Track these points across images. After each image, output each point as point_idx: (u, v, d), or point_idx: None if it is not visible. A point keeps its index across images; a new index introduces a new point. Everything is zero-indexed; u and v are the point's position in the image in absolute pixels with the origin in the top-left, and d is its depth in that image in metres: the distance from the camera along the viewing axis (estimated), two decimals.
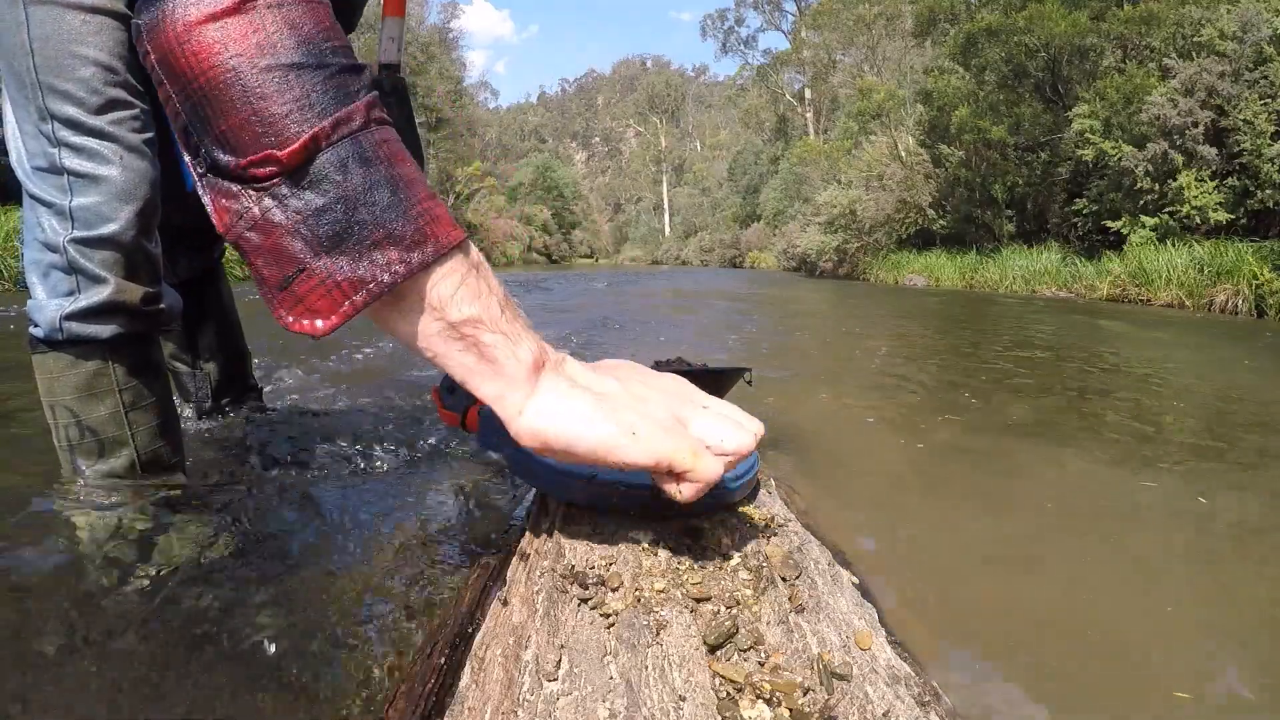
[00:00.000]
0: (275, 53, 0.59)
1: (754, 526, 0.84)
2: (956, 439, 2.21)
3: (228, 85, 0.58)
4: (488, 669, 0.59)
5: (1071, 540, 1.42)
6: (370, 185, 0.60)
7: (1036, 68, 14.91)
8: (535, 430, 0.64)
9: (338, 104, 0.60)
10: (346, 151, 0.60)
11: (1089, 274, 11.76)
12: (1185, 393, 3.15)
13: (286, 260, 0.60)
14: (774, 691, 0.55)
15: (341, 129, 0.60)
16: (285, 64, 0.59)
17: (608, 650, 0.59)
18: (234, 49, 0.58)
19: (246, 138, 0.58)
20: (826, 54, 33.84)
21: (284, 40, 0.60)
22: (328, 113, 0.60)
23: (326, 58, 0.61)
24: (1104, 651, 1.01)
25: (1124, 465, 2.00)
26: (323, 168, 0.59)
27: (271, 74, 0.59)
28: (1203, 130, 10.92)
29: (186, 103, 0.60)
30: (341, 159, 0.60)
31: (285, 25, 0.60)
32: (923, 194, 17.26)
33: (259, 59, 0.59)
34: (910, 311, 7.90)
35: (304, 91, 0.59)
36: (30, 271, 1.09)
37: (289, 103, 0.59)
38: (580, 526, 0.83)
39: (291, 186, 0.59)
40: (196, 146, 0.60)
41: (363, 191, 0.60)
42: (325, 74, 0.61)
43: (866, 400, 2.77)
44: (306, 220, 0.59)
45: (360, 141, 0.61)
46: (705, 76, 68.79)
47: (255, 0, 0.59)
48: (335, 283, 0.60)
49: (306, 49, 0.60)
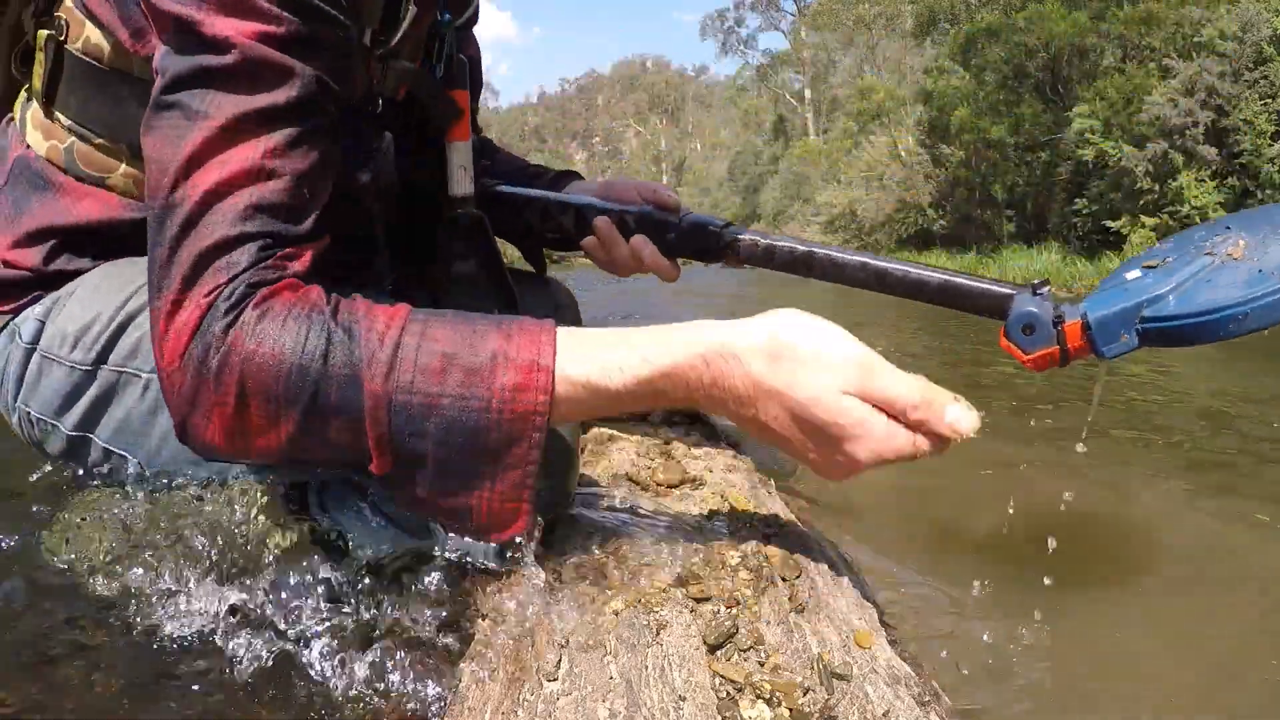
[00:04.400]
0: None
1: (754, 526, 0.84)
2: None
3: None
4: (488, 668, 0.59)
5: (1073, 540, 1.42)
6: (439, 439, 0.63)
7: (1036, 68, 14.91)
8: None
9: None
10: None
11: (1089, 274, 11.75)
12: (1184, 396, 3.15)
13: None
14: (774, 691, 0.55)
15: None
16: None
17: (608, 650, 0.59)
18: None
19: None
20: (826, 54, 33.86)
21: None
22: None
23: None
24: (1107, 650, 1.01)
25: (1127, 464, 2.00)
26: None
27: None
28: (1203, 130, 10.92)
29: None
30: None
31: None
32: (923, 194, 17.25)
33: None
34: (911, 311, 7.89)
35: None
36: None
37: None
38: (581, 526, 0.83)
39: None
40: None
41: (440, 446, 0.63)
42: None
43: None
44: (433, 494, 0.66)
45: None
46: (705, 76, 68.83)
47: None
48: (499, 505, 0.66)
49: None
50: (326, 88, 0.69)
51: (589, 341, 0.66)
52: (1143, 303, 0.77)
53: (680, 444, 1.12)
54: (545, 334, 0.65)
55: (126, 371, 0.82)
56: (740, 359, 0.64)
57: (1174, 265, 0.81)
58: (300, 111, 0.67)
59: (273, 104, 0.65)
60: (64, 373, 0.83)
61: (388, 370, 0.62)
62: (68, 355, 0.82)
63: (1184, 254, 0.82)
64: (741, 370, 0.64)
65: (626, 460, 1.02)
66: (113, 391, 0.83)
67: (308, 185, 0.67)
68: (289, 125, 0.66)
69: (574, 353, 0.64)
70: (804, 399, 0.63)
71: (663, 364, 0.64)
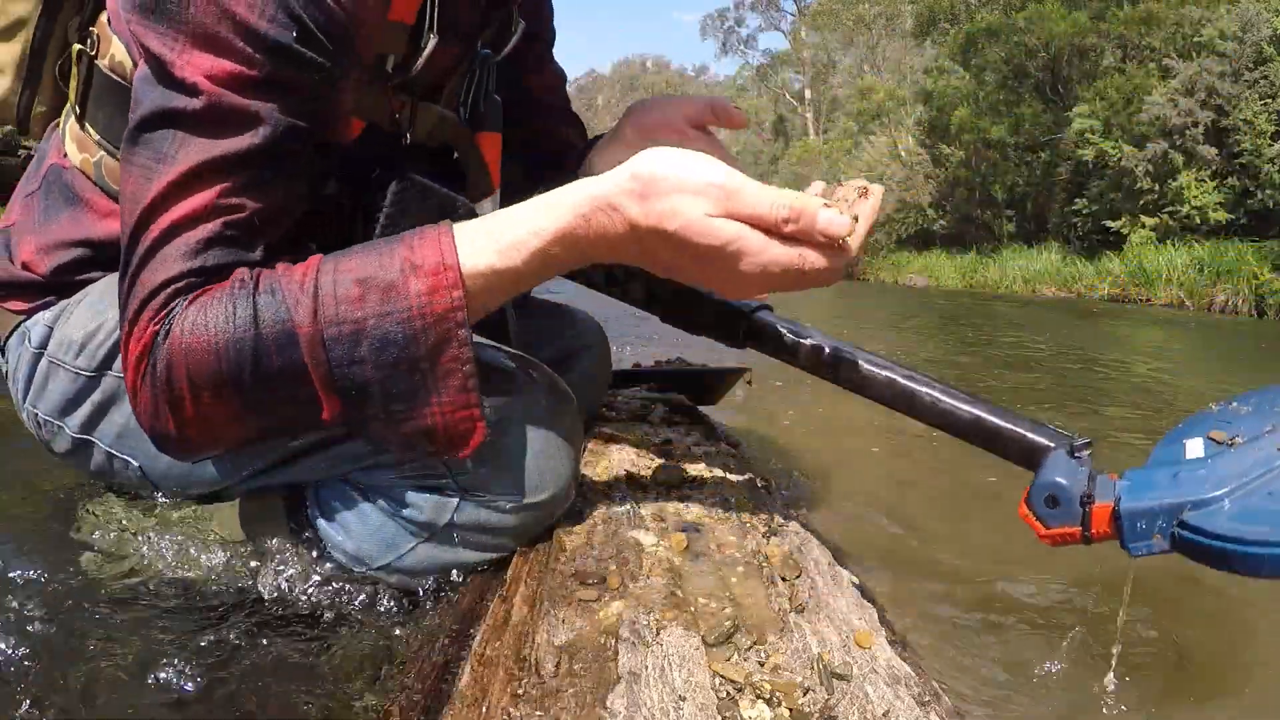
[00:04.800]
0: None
1: (754, 526, 0.84)
2: None
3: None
4: (488, 668, 0.59)
5: None
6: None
7: (1036, 68, 14.91)
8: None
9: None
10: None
11: (1089, 274, 11.76)
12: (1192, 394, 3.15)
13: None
14: (774, 691, 0.55)
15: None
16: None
17: (608, 650, 0.59)
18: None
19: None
20: (826, 54, 33.86)
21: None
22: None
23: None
24: (1107, 650, 1.01)
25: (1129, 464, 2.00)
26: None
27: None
28: (1203, 130, 10.92)
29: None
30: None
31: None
32: (923, 194, 17.25)
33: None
34: (911, 311, 7.90)
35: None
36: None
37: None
38: (581, 526, 0.83)
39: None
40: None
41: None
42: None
43: (869, 400, 2.76)
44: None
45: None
46: (705, 76, 68.81)
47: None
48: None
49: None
50: (295, 129, 0.70)
51: (483, 232, 0.69)
52: (1188, 504, 0.65)
53: (680, 444, 1.12)
54: (444, 236, 0.68)
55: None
56: (616, 207, 0.66)
57: (1243, 453, 0.68)
58: (263, 155, 0.69)
59: (235, 150, 0.67)
60: (69, 378, 0.85)
61: (313, 310, 0.66)
62: (73, 361, 0.85)
63: (1258, 439, 0.68)
64: (620, 217, 0.66)
65: (626, 460, 1.02)
66: (114, 397, 0.85)
67: (263, 219, 0.70)
68: (251, 168, 0.69)
69: (473, 245, 0.68)
70: (676, 229, 0.65)
71: (550, 232, 0.67)
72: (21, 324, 0.89)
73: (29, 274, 0.87)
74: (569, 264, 0.71)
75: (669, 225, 0.65)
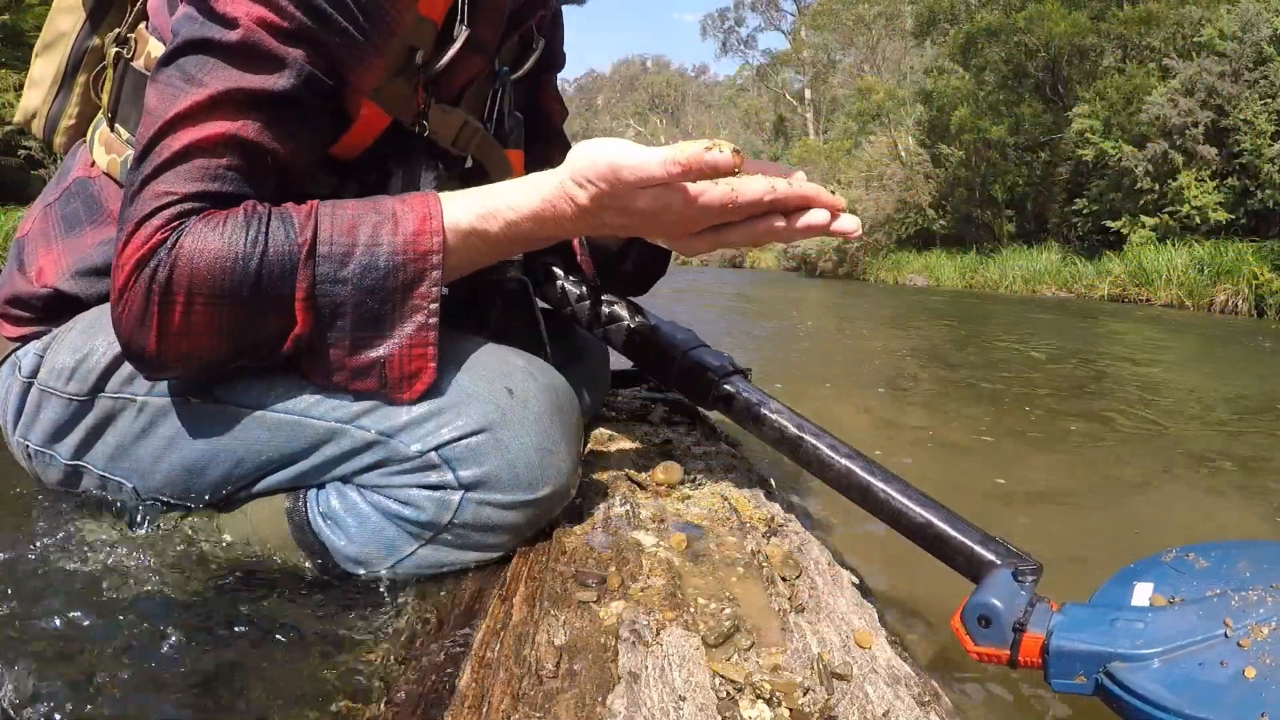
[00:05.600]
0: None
1: (754, 526, 0.84)
2: (962, 439, 2.22)
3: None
4: (488, 668, 0.59)
5: (1079, 538, 1.42)
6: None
7: (1036, 68, 14.91)
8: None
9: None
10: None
11: (1089, 274, 11.75)
12: (1195, 394, 3.15)
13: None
14: (774, 691, 0.55)
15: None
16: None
17: (608, 650, 0.59)
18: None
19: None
20: (826, 54, 33.84)
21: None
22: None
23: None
24: None
25: (1130, 464, 2.00)
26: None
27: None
28: (1203, 130, 10.91)
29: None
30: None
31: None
32: (923, 194, 17.25)
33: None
34: (911, 311, 7.90)
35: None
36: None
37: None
38: (581, 526, 0.83)
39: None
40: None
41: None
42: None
43: (869, 400, 2.77)
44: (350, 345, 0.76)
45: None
46: (705, 77, 68.79)
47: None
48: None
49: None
50: (317, 83, 0.75)
51: (466, 199, 0.77)
52: (1117, 655, 0.66)
53: (680, 444, 1.12)
54: (431, 196, 0.77)
55: (122, 396, 0.84)
56: (570, 195, 0.74)
57: (1183, 613, 0.68)
58: (286, 99, 0.74)
59: (261, 87, 0.72)
60: (61, 404, 0.86)
61: (313, 234, 0.72)
62: (63, 388, 0.85)
63: (1202, 601, 0.69)
64: (574, 203, 0.74)
65: (626, 460, 1.02)
66: (108, 418, 0.85)
67: (275, 162, 0.75)
68: (271, 108, 0.73)
69: (457, 205, 0.77)
70: (611, 205, 0.73)
71: (524, 208, 0.76)
72: (13, 353, 0.89)
73: (40, 287, 0.88)
74: (536, 239, 0.79)
75: (606, 203, 0.73)
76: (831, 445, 0.92)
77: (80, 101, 1.01)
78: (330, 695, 0.67)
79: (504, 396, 0.77)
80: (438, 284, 0.75)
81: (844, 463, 0.90)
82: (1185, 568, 0.75)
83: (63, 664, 0.69)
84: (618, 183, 0.71)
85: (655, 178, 0.69)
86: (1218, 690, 0.61)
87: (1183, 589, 0.72)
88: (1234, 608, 0.67)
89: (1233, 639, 0.64)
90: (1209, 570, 0.74)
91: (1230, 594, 0.69)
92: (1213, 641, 0.65)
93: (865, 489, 0.88)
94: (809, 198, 0.73)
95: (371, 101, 0.83)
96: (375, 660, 0.71)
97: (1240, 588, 0.70)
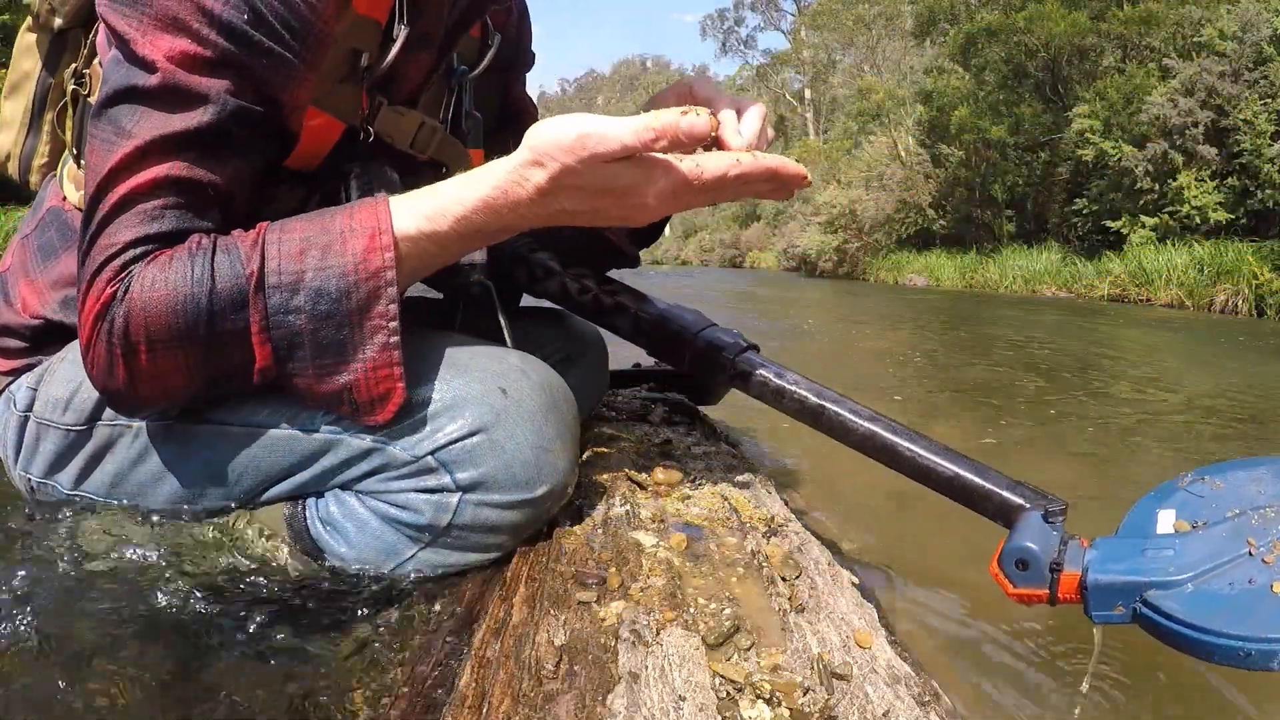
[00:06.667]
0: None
1: (754, 526, 0.84)
2: (962, 439, 2.21)
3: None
4: (488, 668, 0.59)
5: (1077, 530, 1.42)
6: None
7: (1036, 68, 14.91)
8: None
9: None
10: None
11: (1089, 274, 11.75)
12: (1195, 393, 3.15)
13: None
14: (774, 691, 0.55)
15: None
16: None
17: (607, 650, 0.59)
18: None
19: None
20: (826, 54, 33.85)
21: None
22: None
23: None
24: (1109, 646, 1.01)
25: (1134, 465, 2.00)
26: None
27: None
28: (1203, 130, 10.91)
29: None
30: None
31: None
32: (923, 194, 17.25)
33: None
34: (911, 311, 7.90)
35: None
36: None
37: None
38: (580, 526, 0.83)
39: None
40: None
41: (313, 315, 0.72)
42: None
43: (870, 400, 2.76)
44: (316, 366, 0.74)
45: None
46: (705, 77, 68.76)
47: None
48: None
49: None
50: (245, 112, 0.74)
51: (413, 203, 0.75)
52: (1151, 584, 0.68)
53: (680, 444, 1.12)
54: (380, 205, 0.75)
55: (119, 424, 0.84)
56: (525, 179, 0.70)
57: (1209, 537, 0.70)
58: (212, 133, 0.73)
59: (184, 127, 0.72)
60: (59, 436, 0.86)
61: (260, 265, 0.71)
62: (60, 419, 0.86)
63: (1224, 523, 0.71)
64: (530, 186, 0.70)
65: (626, 460, 1.02)
66: (107, 446, 0.85)
67: (217, 192, 0.75)
68: (199, 144, 0.73)
69: (405, 211, 0.74)
70: (573, 183, 0.70)
71: (472, 200, 0.73)
72: (6, 388, 0.90)
73: (25, 318, 0.89)
74: (492, 231, 0.75)
75: (567, 182, 0.69)
76: (853, 410, 0.94)
77: (50, 139, 1.02)
78: (330, 697, 0.67)
79: (498, 397, 0.77)
80: (394, 300, 0.72)
81: (867, 425, 0.92)
82: (1203, 490, 0.77)
83: (59, 671, 0.69)
84: (585, 155, 0.67)
85: (628, 147, 0.67)
86: (1249, 606, 0.64)
87: (1203, 512, 0.75)
88: (1254, 526, 0.70)
89: (1257, 556, 0.67)
90: (1225, 491, 0.76)
91: (1250, 513, 0.71)
92: (1239, 561, 0.67)
93: (892, 449, 0.90)
94: (773, 170, 0.72)
95: (320, 110, 0.81)
96: (375, 661, 0.71)
97: (1258, 506, 0.72)
